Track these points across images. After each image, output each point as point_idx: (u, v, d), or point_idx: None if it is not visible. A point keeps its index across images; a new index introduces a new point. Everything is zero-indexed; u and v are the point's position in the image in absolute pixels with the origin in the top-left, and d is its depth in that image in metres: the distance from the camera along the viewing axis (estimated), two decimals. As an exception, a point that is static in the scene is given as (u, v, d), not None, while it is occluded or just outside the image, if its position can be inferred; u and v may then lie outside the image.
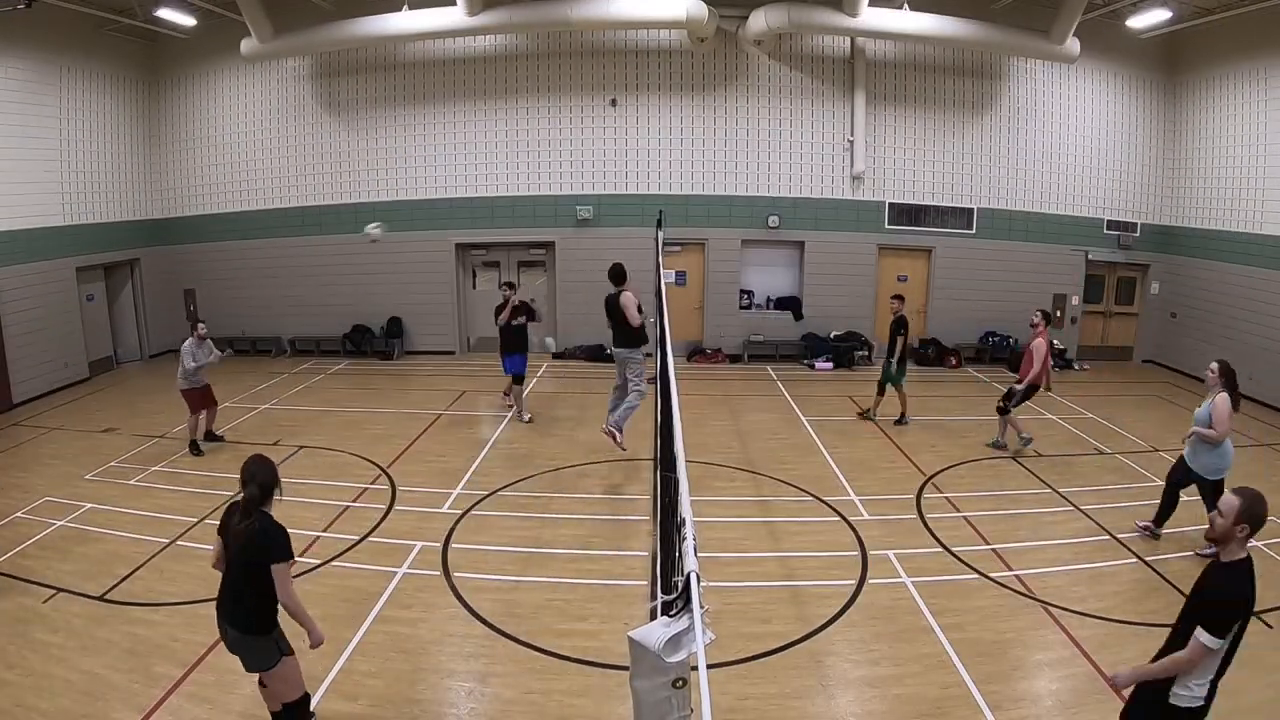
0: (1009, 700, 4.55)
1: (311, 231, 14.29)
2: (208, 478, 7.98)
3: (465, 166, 13.86)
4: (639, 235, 13.45)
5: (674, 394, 3.82)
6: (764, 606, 5.59)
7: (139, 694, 4.53)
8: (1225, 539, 3.30)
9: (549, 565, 6.25)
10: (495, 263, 14.58)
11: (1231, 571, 3.30)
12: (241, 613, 3.68)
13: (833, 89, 13.43)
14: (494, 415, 10.53)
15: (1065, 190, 13.85)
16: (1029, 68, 13.43)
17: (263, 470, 3.70)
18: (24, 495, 7.56)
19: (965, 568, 6.19)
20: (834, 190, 13.72)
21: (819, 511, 7.32)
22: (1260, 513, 3.26)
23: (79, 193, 12.62)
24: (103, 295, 13.43)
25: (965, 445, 9.27)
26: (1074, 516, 7.20)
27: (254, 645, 3.69)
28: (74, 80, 12.39)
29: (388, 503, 7.48)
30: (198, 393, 8.91)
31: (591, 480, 8.16)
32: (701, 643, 1.73)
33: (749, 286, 14.34)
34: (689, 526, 2.17)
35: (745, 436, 9.67)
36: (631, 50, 13.35)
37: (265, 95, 14.07)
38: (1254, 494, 3.31)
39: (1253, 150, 11.81)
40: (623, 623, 5.26)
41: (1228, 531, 3.28)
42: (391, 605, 5.59)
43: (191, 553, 6.38)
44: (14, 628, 5.25)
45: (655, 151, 13.64)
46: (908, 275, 14.22)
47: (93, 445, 9.24)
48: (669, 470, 3.39)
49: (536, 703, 4.54)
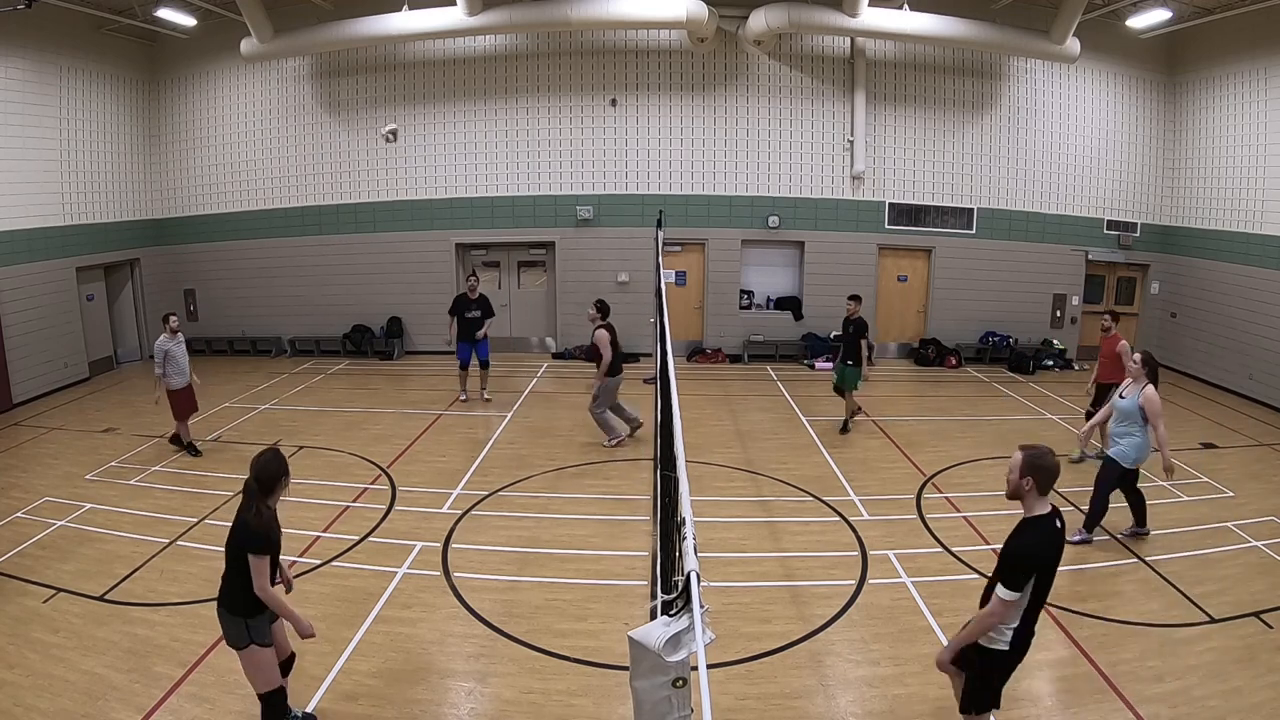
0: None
1: (311, 231, 14.30)
2: (208, 478, 7.98)
3: (465, 166, 13.87)
4: (639, 235, 13.47)
5: (674, 394, 3.82)
6: (764, 606, 5.59)
7: (139, 694, 4.53)
8: (1015, 495, 3.50)
9: (549, 565, 6.25)
10: (495, 263, 14.58)
11: (1027, 526, 3.46)
12: (224, 588, 3.87)
13: (833, 89, 13.43)
14: (495, 415, 10.54)
15: (1065, 190, 13.86)
16: (1029, 68, 13.43)
17: (259, 465, 3.81)
18: (24, 495, 7.57)
19: (965, 568, 6.19)
20: (834, 190, 13.72)
21: (819, 511, 7.32)
22: (1045, 465, 3.40)
23: (79, 193, 12.62)
24: (103, 295, 13.43)
25: (965, 445, 9.27)
26: (1074, 517, 7.19)
27: (227, 621, 3.86)
28: (74, 80, 12.40)
29: (388, 503, 7.48)
30: (184, 393, 8.68)
31: (591, 480, 8.16)
32: (701, 642, 1.73)
33: (749, 286, 14.34)
34: (689, 526, 2.17)
35: (745, 436, 9.67)
36: (631, 50, 13.36)
37: (265, 95, 14.08)
38: (1040, 449, 3.46)
39: (1253, 150, 11.81)
40: (623, 623, 5.27)
41: (1016, 486, 3.46)
42: (391, 605, 5.59)
43: (191, 553, 6.38)
44: (14, 628, 5.25)
45: (655, 151, 13.64)
46: (908, 275, 14.23)
47: (93, 445, 9.24)
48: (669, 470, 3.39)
49: (536, 703, 4.54)
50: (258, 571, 3.70)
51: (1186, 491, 7.84)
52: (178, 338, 8.68)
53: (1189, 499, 7.66)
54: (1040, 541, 3.41)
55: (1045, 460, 3.41)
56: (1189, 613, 5.51)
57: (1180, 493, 7.80)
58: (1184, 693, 4.58)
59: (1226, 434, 9.95)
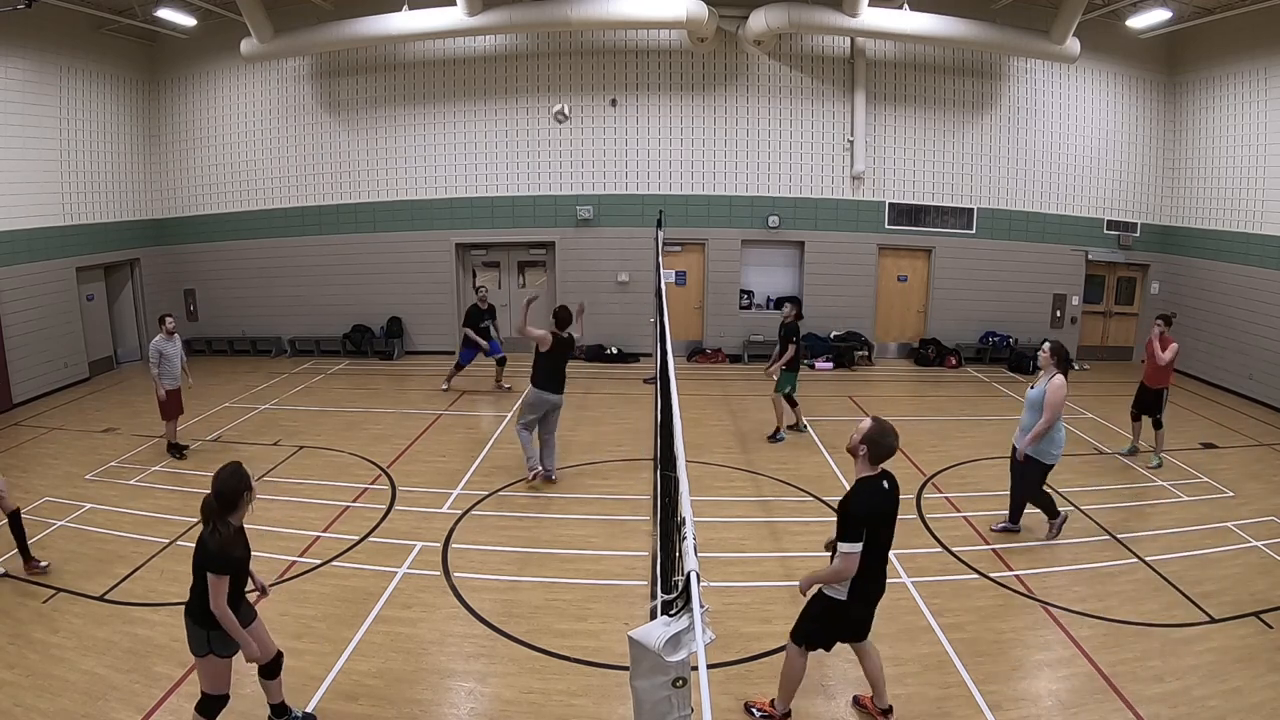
0: (1009, 700, 4.55)
1: (311, 231, 14.30)
2: (208, 478, 7.93)
3: (465, 166, 13.87)
4: (639, 235, 13.47)
5: (674, 394, 3.83)
6: (764, 606, 5.59)
7: (139, 694, 4.53)
8: (852, 453, 3.93)
9: (549, 565, 6.25)
10: (495, 263, 14.58)
11: (858, 486, 3.90)
12: (191, 598, 3.90)
13: (833, 89, 13.43)
14: (494, 415, 10.54)
15: (1065, 190, 13.85)
16: (1029, 68, 13.43)
17: (219, 481, 3.83)
18: (24, 495, 7.54)
19: (965, 568, 6.19)
20: (834, 190, 13.72)
21: (819, 511, 7.32)
22: (883, 442, 3.83)
23: (79, 193, 12.62)
24: (103, 295, 13.43)
25: (965, 445, 9.27)
26: (1074, 516, 7.20)
27: (191, 629, 3.89)
28: (74, 80, 12.40)
29: (388, 503, 7.48)
30: (176, 394, 8.70)
31: (591, 480, 8.16)
32: (701, 642, 1.73)
33: (749, 286, 14.34)
34: (689, 526, 2.17)
35: (745, 436, 9.67)
36: (631, 50, 13.35)
37: (265, 95, 14.08)
38: (883, 425, 3.86)
39: (1253, 150, 11.81)
40: (623, 623, 5.27)
41: (854, 447, 3.91)
42: (391, 605, 5.59)
43: (191, 553, 6.38)
44: (14, 628, 5.25)
45: (655, 151, 13.64)
46: (908, 275, 14.23)
47: (93, 445, 9.24)
48: (669, 470, 3.39)
49: (536, 703, 4.54)
50: (215, 591, 3.71)
51: (1186, 491, 7.84)
52: (173, 339, 8.70)
53: (1189, 499, 7.66)
54: (868, 499, 3.85)
55: (887, 439, 3.84)
56: (1189, 613, 5.51)
57: (1180, 493, 7.80)
58: (1184, 693, 4.58)
59: (1226, 434, 9.96)
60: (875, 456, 3.85)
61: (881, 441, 3.83)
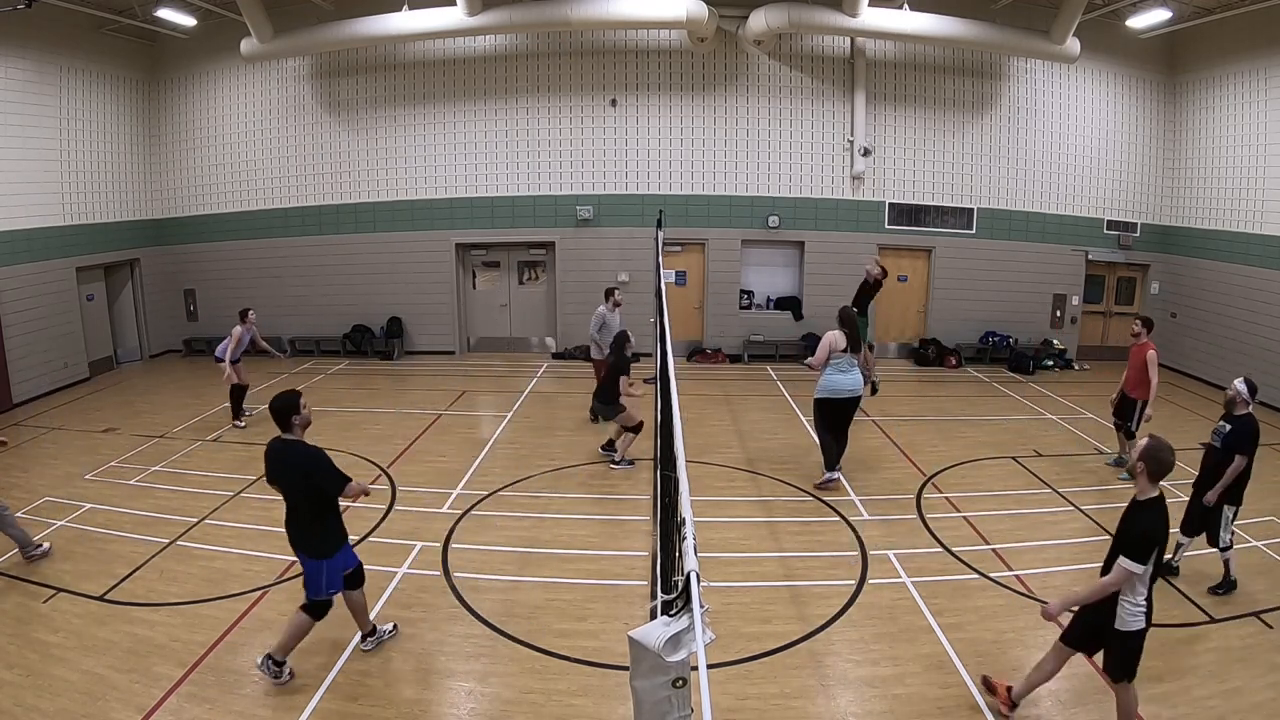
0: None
1: (311, 231, 14.30)
2: (208, 478, 7.98)
3: (465, 166, 13.87)
4: (639, 235, 13.47)
5: (674, 394, 3.82)
6: (764, 606, 5.59)
7: (139, 694, 4.52)
8: (1131, 473, 3.96)
9: (549, 565, 6.25)
10: (495, 263, 14.58)
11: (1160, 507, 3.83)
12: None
13: (833, 89, 13.43)
14: (495, 415, 10.54)
15: (1065, 190, 13.85)
16: (1029, 68, 13.43)
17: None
18: (24, 495, 7.55)
19: (965, 568, 6.19)
20: (834, 190, 13.72)
21: (819, 511, 7.31)
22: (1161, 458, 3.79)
23: (79, 193, 12.62)
24: (103, 295, 13.43)
25: (965, 445, 9.27)
26: (1074, 516, 7.20)
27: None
28: (74, 80, 12.40)
29: (388, 503, 7.48)
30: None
31: (592, 480, 8.16)
32: (701, 642, 1.73)
33: (749, 286, 14.34)
34: (689, 526, 2.17)
35: (745, 436, 9.67)
36: (631, 50, 13.35)
37: (265, 95, 14.08)
38: (1160, 441, 3.85)
39: (1253, 150, 11.81)
40: (623, 623, 5.26)
41: (1132, 466, 3.93)
42: (391, 605, 5.59)
43: (191, 553, 6.39)
44: (14, 628, 5.25)
45: (655, 151, 13.64)
46: (908, 275, 14.22)
47: (93, 445, 9.24)
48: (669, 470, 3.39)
49: (536, 703, 4.54)
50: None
51: (1186, 491, 7.82)
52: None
53: (1189, 499, 7.64)
54: (1165, 522, 3.85)
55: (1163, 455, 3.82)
56: (1189, 613, 5.51)
57: (1180, 493, 7.78)
58: (1184, 693, 4.58)
59: (1226, 434, 9.92)
60: (1155, 474, 3.84)
61: (1159, 458, 3.82)
